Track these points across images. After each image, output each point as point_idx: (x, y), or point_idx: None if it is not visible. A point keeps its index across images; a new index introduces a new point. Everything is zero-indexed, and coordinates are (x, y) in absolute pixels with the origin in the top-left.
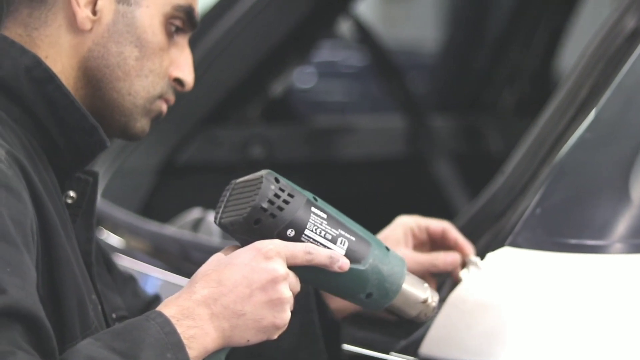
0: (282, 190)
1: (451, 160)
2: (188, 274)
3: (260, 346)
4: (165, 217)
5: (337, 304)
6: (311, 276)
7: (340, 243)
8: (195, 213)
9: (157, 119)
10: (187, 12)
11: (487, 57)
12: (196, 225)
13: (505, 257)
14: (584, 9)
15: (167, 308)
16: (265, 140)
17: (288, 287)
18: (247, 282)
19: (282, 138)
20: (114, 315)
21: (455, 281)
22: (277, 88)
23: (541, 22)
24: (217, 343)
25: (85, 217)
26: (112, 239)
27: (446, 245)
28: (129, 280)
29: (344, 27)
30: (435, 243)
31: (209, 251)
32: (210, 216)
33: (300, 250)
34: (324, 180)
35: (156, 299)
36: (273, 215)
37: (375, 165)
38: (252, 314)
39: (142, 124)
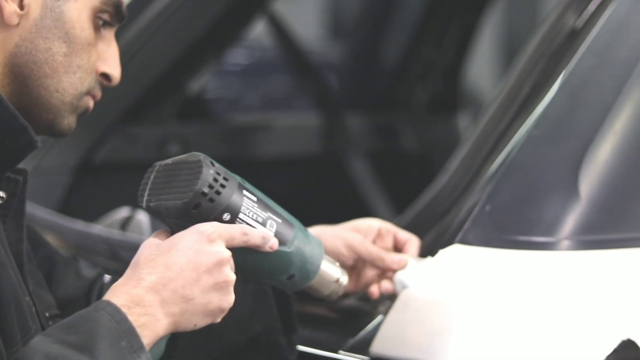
0: (219, 174)
1: (366, 158)
2: (115, 273)
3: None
4: (83, 216)
5: None
6: (241, 258)
7: (270, 226)
8: (123, 212)
9: (83, 115)
10: (116, 6)
11: (399, 55)
12: (124, 224)
13: (456, 254)
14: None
15: (115, 297)
16: (182, 139)
17: (230, 269)
18: (193, 266)
19: (199, 136)
20: (47, 314)
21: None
22: (194, 86)
23: (453, 19)
24: (168, 329)
25: (16, 217)
26: None
27: None
28: (71, 262)
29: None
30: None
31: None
32: (140, 215)
33: (237, 232)
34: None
35: (99, 276)
36: (212, 200)
37: (292, 163)
38: (200, 298)
39: (69, 120)
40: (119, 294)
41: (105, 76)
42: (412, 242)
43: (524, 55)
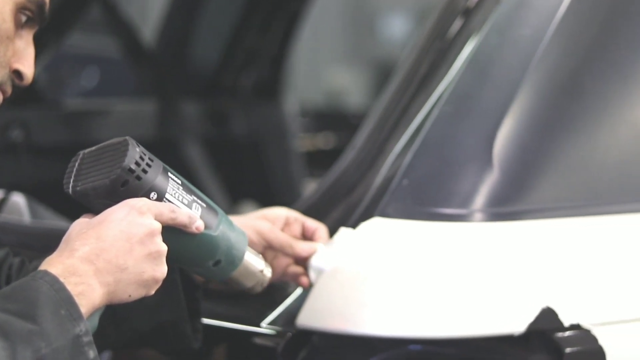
0: (144, 154)
1: (199, 143)
2: None
3: (124, 305)
4: None
5: None
6: (168, 241)
7: (195, 208)
8: None
9: None
10: (39, 6)
11: (224, 42)
12: None
13: (377, 227)
14: None
15: (51, 267)
16: (23, 123)
17: (161, 240)
18: (126, 237)
19: (39, 121)
20: None
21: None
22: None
23: (278, 7)
24: (103, 299)
25: None
26: None
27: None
28: None
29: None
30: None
31: (20, 231)
32: (16, 197)
33: (166, 209)
34: None
35: (7, 256)
36: (139, 178)
37: None
38: (134, 268)
39: None
40: (55, 264)
41: (17, 74)
42: (320, 229)
43: (421, 36)
